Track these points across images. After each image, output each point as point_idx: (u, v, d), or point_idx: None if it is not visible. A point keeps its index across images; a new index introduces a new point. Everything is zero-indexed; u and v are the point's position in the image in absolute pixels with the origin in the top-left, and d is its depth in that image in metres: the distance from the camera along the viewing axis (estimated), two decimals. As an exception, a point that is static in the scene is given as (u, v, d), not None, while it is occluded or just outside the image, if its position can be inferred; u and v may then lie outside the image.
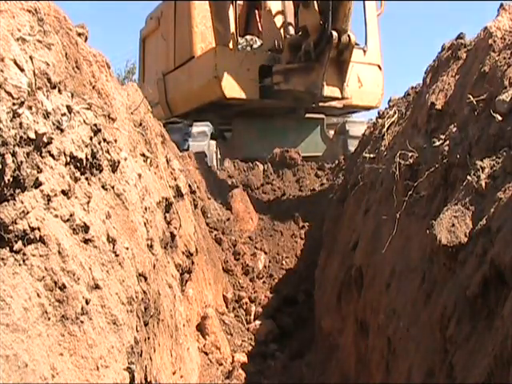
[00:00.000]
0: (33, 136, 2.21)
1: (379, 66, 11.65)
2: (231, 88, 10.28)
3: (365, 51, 11.29)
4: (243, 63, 10.36)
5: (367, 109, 12.03)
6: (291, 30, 10.59)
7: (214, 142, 10.86)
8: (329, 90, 9.89)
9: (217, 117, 11.16)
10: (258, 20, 12.27)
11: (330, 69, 9.70)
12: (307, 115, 11.53)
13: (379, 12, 11.70)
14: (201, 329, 6.09)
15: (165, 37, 12.10)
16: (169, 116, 11.91)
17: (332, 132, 12.28)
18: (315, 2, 9.21)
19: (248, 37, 11.62)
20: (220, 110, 11.12)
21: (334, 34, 9.08)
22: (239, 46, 10.83)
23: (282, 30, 10.61)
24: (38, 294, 2.12)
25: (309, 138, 11.33)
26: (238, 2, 11.19)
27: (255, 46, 11.27)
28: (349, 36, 9.33)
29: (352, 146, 10.08)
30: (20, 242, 2.12)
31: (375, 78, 11.57)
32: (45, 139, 2.37)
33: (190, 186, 6.91)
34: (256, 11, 12.36)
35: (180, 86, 11.54)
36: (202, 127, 10.50)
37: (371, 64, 11.46)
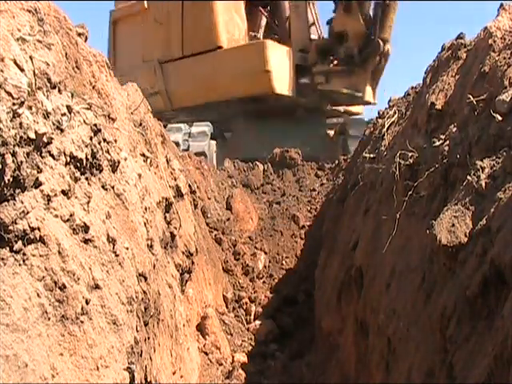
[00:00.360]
0: (33, 136, 2.21)
1: None
2: (280, 83, 10.31)
3: None
4: (286, 60, 10.33)
5: (355, 114, 12.50)
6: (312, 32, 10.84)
7: (214, 142, 10.83)
8: (368, 95, 10.59)
9: (220, 115, 11.05)
10: (265, 15, 12.10)
11: (368, 75, 10.41)
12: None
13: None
14: (201, 329, 6.10)
15: (161, 21, 11.37)
16: (168, 108, 11.38)
17: (332, 132, 12.39)
18: (357, 8, 9.72)
19: (251, 33, 11.64)
20: (224, 109, 10.91)
21: (380, 43, 9.77)
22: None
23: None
24: (38, 294, 2.12)
25: (309, 138, 11.39)
26: None
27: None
28: (388, 46, 10.03)
29: (352, 145, 10.27)
30: (20, 242, 2.12)
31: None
32: (45, 139, 2.37)
33: (190, 185, 6.91)
34: (260, 8, 12.23)
35: (192, 76, 10.96)
36: (202, 127, 10.44)
37: None
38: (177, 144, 9.15)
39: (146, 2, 11.79)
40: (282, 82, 10.42)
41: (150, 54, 11.57)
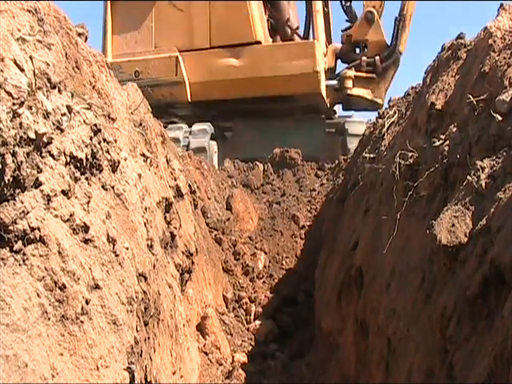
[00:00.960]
0: (33, 136, 2.21)
1: None
2: (323, 84, 10.63)
3: None
4: (323, 62, 10.67)
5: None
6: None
7: (214, 143, 10.86)
8: (380, 99, 11.26)
9: (230, 113, 11.06)
10: (273, 19, 12.05)
11: (383, 81, 11.18)
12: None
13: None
14: (201, 329, 6.09)
15: (180, 8, 10.78)
16: (184, 100, 10.87)
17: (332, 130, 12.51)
18: (379, 20, 10.60)
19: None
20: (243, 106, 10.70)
21: (399, 56, 10.79)
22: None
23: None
24: (38, 294, 2.12)
25: (309, 139, 11.51)
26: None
27: None
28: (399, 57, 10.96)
29: (351, 144, 10.38)
30: (20, 242, 2.12)
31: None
32: (45, 139, 2.37)
33: (189, 186, 6.91)
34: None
35: (225, 68, 10.57)
36: (203, 126, 10.49)
37: None
38: (177, 140, 9.09)
39: None
40: (323, 83, 10.75)
41: (165, 42, 10.89)
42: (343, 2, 11.55)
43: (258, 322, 7.34)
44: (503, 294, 2.22)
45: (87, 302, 2.42)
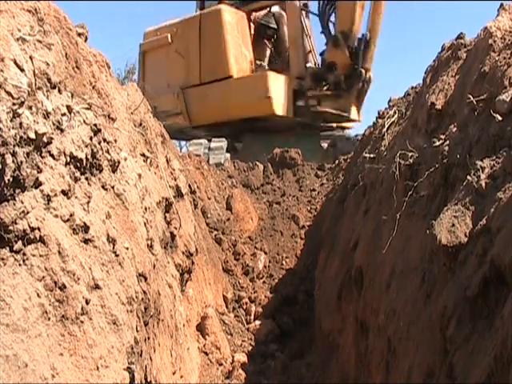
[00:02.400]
0: (33, 136, 2.21)
1: None
2: (279, 107, 12.68)
3: None
4: (286, 86, 12.74)
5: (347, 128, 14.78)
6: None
7: (228, 154, 12.42)
8: (353, 114, 12.95)
9: (231, 131, 13.28)
10: (268, 47, 14.35)
11: (353, 97, 12.57)
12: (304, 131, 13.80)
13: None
14: (201, 329, 6.09)
15: (182, 54, 13.66)
16: (187, 125, 13.69)
17: (325, 144, 14.17)
18: (344, 43, 11.83)
19: (257, 62, 13.65)
20: (235, 126, 13.19)
21: (363, 72, 12.08)
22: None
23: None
24: (38, 294, 2.12)
25: (306, 150, 12.60)
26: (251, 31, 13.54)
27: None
28: (371, 73, 12.33)
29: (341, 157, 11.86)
30: (20, 242, 2.12)
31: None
32: (45, 139, 2.37)
33: (189, 186, 6.91)
34: (265, 40, 14.36)
35: (208, 100, 13.21)
36: (220, 143, 12.36)
37: None
38: (197, 155, 10.63)
39: (169, 36, 13.97)
40: (281, 105, 12.62)
41: (173, 81, 13.76)
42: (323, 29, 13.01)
43: (258, 322, 7.34)
44: (503, 294, 2.22)
45: (87, 302, 2.42)
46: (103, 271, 2.71)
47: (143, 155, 4.41)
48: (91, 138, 2.90)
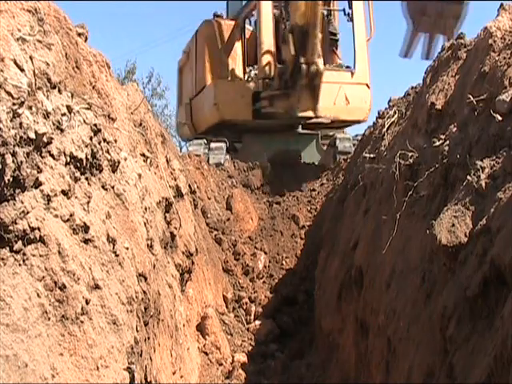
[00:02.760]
0: (33, 136, 2.21)
1: (367, 85, 13.20)
2: (227, 112, 12.84)
3: (353, 73, 13.06)
4: (238, 91, 12.83)
5: (355, 122, 13.86)
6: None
7: (228, 156, 12.38)
8: (303, 111, 12.16)
9: (230, 133, 13.33)
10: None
11: (305, 93, 11.86)
12: (303, 131, 13.51)
13: (369, 37, 13.30)
14: (201, 329, 6.09)
15: (191, 68, 14.83)
16: (194, 134, 14.45)
17: (325, 144, 13.77)
18: (291, 37, 11.34)
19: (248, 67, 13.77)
20: (230, 128, 13.37)
21: (303, 66, 11.36)
22: (246, 75, 13.17)
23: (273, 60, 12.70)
24: (38, 294, 2.12)
25: (306, 150, 12.70)
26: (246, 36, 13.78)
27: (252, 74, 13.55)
28: (317, 66, 11.45)
29: (341, 157, 11.69)
30: (20, 242, 2.12)
31: (362, 96, 13.15)
32: (45, 139, 2.37)
33: (189, 186, 6.91)
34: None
35: (198, 109, 14.22)
36: (220, 143, 12.39)
37: (359, 83, 13.08)
38: (197, 155, 10.85)
39: (186, 55, 15.22)
40: (232, 110, 12.76)
41: (186, 94, 15.19)
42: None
43: (258, 322, 7.34)
44: (503, 294, 2.22)
45: (87, 302, 2.42)
46: (103, 271, 2.71)
47: (143, 155, 4.41)
48: (91, 138, 2.90)
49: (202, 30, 14.06)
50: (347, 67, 13.03)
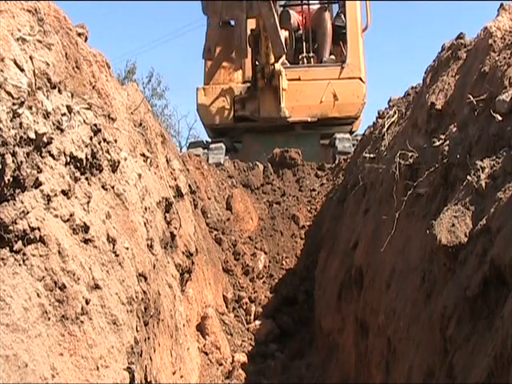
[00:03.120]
0: (33, 136, 2.21)
1: (360, 79, 12.71)
2: (207, 118, 12.97)
3: (343, 68, 12.65)
4: (220, 97, 12.89)
5: (347, 118, 13.29)
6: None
7: (227, 157, 12.35)
8: (265, 113, 12.26)
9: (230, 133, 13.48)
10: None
11: (267, 94, 12.05)
12: (303, 131, 13.35)
13: (364, 28, 12.80)
14: (201, 329, 6.09)
15: None
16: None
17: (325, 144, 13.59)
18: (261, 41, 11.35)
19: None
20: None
21: (258, 68, 11.70)
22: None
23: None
24: (38, 294, 2.12)
25: (306, 150, 12.42)
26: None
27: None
28: (274, 67, 11.54)
29: (340, 157, 11.56)
30: (20, 242, 2.12)
31: (354, 91, 12.68)
32: (45, 139, 2.37)
33: (189, 186, 6.90)
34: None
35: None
36: (219, 143, 12.40)
37: (351, 78, 12.60)
38: (198, 156, 10.85)
39: None
40: (212, 116, 12.81)
41: None
42: None
43: (258, 322, 7.33)
44: (503, 293, 2.22)
45: (87, 302, 2.42)
46: (103, 271, 2.71)
47: (143, 155, 4.41)
48: (91, 138, 2.90)
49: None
50: (343, 61, 12.63)
